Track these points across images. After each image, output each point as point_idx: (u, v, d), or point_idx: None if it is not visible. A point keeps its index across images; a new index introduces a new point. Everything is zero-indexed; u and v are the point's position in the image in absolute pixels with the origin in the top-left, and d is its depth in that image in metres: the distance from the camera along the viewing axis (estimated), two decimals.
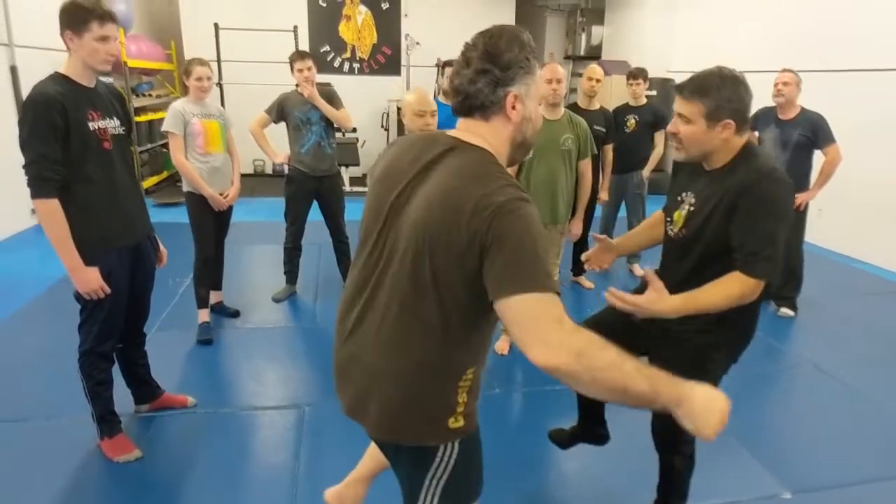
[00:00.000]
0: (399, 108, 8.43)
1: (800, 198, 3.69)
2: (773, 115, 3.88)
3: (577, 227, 3.61)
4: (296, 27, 7.75)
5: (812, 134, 3.73)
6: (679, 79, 6.86)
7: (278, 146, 4.05)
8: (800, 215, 3.87)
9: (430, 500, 1.31)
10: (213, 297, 3.61)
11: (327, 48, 8.56)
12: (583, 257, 2.16)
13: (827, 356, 3.47)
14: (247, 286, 4.29)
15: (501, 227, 1.07)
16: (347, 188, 6.55)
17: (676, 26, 7.96)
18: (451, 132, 1.25)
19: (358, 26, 8.60)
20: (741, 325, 1.80)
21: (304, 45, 8.19)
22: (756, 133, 4.09)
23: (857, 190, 5.16)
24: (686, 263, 1.76)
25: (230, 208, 3.48)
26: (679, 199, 1.80)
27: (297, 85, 3.84)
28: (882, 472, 2.44)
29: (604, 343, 1.04)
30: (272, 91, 4.25)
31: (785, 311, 4.04)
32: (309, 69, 3.72)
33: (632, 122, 4.62)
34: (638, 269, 4.80)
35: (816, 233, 3.58)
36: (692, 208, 1.73)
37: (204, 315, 3.46)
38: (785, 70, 3.79)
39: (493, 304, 1.08)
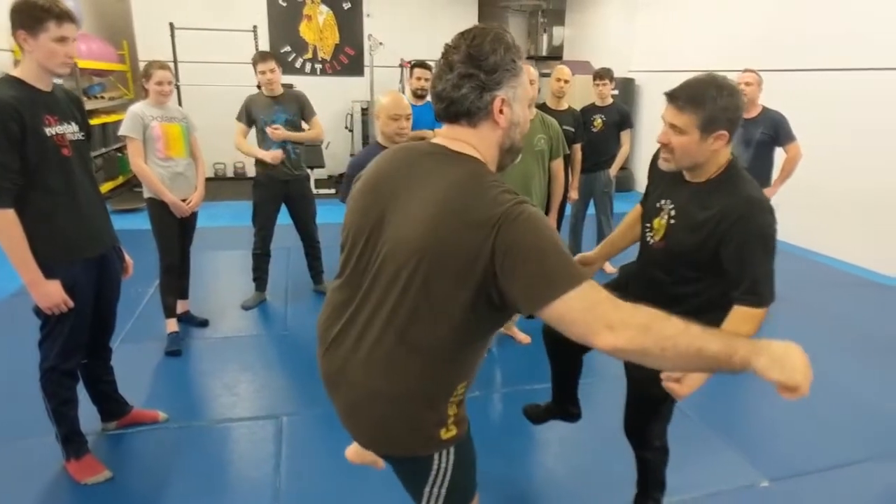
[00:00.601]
0: (363, 109, 8.47)
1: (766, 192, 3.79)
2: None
3: None
4: (255, 27, 7.58)
5: (773, 132, 3.84)
6: (640, 79, 7.06)
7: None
8: None
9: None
10: (180, 306, 3.49)
11: (288, 48, 8.41)
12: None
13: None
14: (215, 294, 4.17)
15: (510, 238, 1.02)
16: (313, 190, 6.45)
17: (637, 27, 8.11)
18: (437, 140, 1.20)
19: (319, 26, 8.47)
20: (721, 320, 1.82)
21: (265, 46, 8.03)
22: None
23: (815, 185, 5.34)
24: (663, 273, 1.74)
25: (194, 214, 3.37)
26: (658, 205, 1.75)
27: (258, 86, 3.77)
28: (853, 456, 2.53)
29: (662, 313, 1.00)
30: (232, 93, 4.16)
31: None
32: (272, 71, 3.65)
33: (598, 121, 4.67)
34: (608, 266, 4.86)
35: (781, 228, 3.68)
36: (672, 220, 1.70)
37: (172, 325, 3.34)
38: (747, 70, 3.89)
39: (537, 315, 1.03)
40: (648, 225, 1.80)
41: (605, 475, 2.36)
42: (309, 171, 4.12)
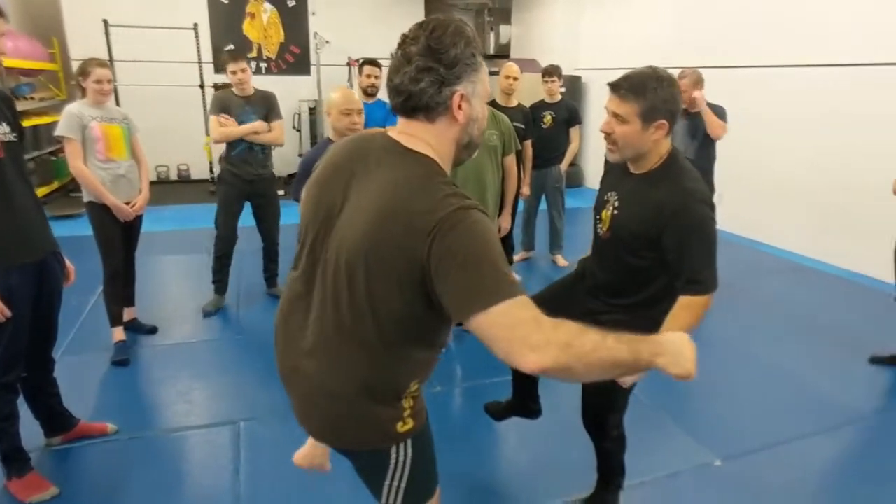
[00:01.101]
0: (311, 109, 8.34)
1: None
2: (682, 109, 4.13)
3: (506, 222, 3.68)
4: (196, 25, 7.36)
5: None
6: (586, 76, 7.20)
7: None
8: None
9: (393, 499, 1.28)
10: (127, 313, 3.35)
11: (232, 47, 8.17)
12: None
13: (739, 331, 3.75)
14: (163, 300, 4.02)
15: (446, 243, 0.99)
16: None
17: (582, 25, 8.30)
18: (391, 133, 1.17)
19: (263, 24, 8.29)
20: (659, 317, 1.80)
21: (206, 44, 7.80)
22: None
23: (755, 176, 5.61)
24: (612, 263, 1.79)
25: (139, 218, 3.24)
26: (605, 197, 1.81)
27: (226, 85, 3.70)
28: (796, 432, 2.67)
29: (580, 327, 1.00)
30: (175, 93, 4.02)
31: None
32: (243, 71, 3.60)
33: (548, 118, 4.75)
34: (561, 260, 4.96)
35: (719, 217, 3.85)
36: (616, 211, 1.75)
37: (118, 334, 3.20)
38: (685, 70, 4.04)
39: (464, 324, 1.00)
40: (598, 217, 1.85)
41: (566, 464, 2.41)
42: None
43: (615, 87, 1.63)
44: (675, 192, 1.61)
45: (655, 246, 1.64)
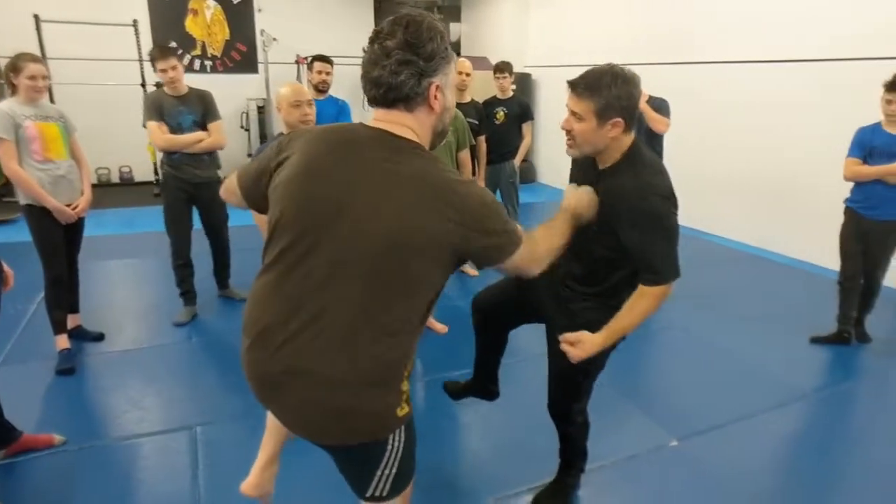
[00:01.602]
0: (259, 108, 8.16)
1: None
2: None
3: None
4: (135, 21, 7.09)
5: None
6: (536, 74, 7.29)
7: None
8: None
9: (381, 487, 1.29)
10: (71, 320, 3.20)
11: (174, 45, 7.90)
12: None
13: (691, 318, 3.88)
14: (108, 306, 3.85)
15: (470, 217, 1.17)
16: None
17: (530, 23, 8.41)
18: (377, 124, 1.20)
19: (207, 21, 8.05)
20: (622, 305, 1.83)
21: (147, 41, 7.52)
22: None
23: (703, 169, 5.81)
24: (580, 252, 1.80)
25: (81, 221, 3.11)
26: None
27: (157, 84, 3.51)
28: (746, 411, 2.78)
29: (544, 232, 1.55)
30: (114, 92, 3.84)
31: None
32: (174, 68, 3.31)
33: (501, 114, 4.80)
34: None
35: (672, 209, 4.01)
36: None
37: (62, 342, 3.04)
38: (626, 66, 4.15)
39: (490, 267, 1.28)
40: None
41: (529, 450, 2.45)
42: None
43: (573, 85, 1.66)
44: (633, 186, 1.64)
45: (617, 237, 1.68)
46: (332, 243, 1.14)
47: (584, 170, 1.83)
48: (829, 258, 3.38)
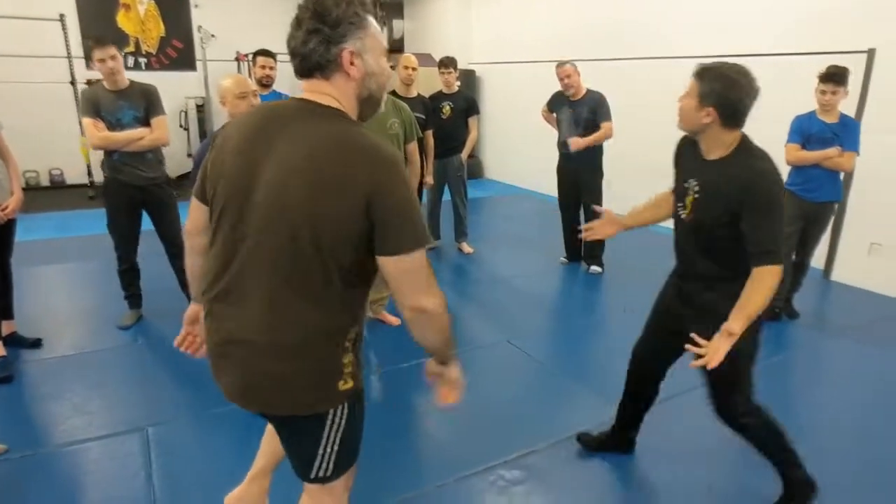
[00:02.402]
0: (199, 106, 7.93)
1: (574, 140, 4.25)
2: (566, 98, 4.40)
3: None
4: (62, 15, 6.76)
5: (594, 111, 4.28)
6: (479, 70, 7.38)
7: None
8: (595, 190, 4.45)
9: (325, 466, 1.32)
10: (5, 327, 3.06)
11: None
12: (584, 227, 2.31)
13: (633, 300, 4.03)
14: (45, 312, 3.68)
15: (382, 183, 1.12)
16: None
17: (473, 20, 8.51)
18: (303, 96, 1.22)
19: (140, 17, 7.76)
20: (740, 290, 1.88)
21: (75, 37, 7.19)
22: (554, 114, 4.59)
23: (638, 162, 6.04)
24: (695, 241, 1.93)
25: (12, 222, 2.97)
26: (685, 185, 1.91)
27: (88, 82, 3.33)
28: (687, 384, 2.92)
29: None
30: (41, 90, 3.64)
31: (594, 268, 4.61)
32: (113, 58, 3.09)
33: (447, 108, 4.86)
34: (466, 247, 5.09)
35: (608, 201, 4.19)
36: (697, 195, 1.86)
37: None
38: (561, 63, 4.31)
39: (380, 258, 1.16)
40: (681, 204, 1.95)
41: (486, 432, 2.51)
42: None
43: (695, 71, 1.83)
44: (745, 170, 1.74)
45: (733, 224, 1.76)
46: (253, 214, 1.17)
47: (686, 157, 1.96)
48: None
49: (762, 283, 1.72)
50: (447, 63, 4.88)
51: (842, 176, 3.65)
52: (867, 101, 4.25)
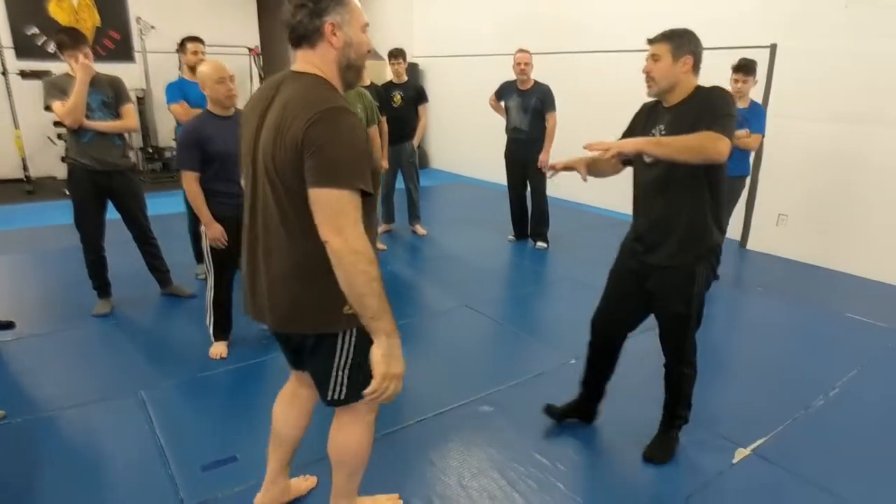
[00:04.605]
0: (139, 98, 7.80)
1: (541, 158, 4.62)
2: (515, 87, 4.76)
3: None
4: None
5: (541, 101, 4.66)
6: (423, 63, 7.69)
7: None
8: (540, 174, 4.83)
9: (338, 388, 1.53)
10: None
11: (36, 31, 7.36)
12: (550, 163, 2.38)
13: (573, 269, 4.47)
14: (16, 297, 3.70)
15: (318, 129, 1.27)
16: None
17: (415, 15, 8.77)
18: (293, 67, 1.45)
19: (74, 7, 7.56)
20: (707, 244, 2.09)
21: (4, 27, 6.97)
22: (502, 102, 4.94)
23: (580, 148, 6.48)
24: (657, 184, 2.04)
25: None
26: (652, 133, 2.05)
27: (21, 73, 3.27)
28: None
29: (373, 259, 1.31)
30: None
31: (540, 244, 5.01)
32: (86, 56, 3.16)
33: (398, 97, 5.11)
34: (420, 229, 5.38)
35: (553, 186, 4.58)
36: (663, 134, 2.00)
37: None
38: (522, 51, 4.65)
39: (310, 193, 1.29)
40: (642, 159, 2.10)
41: (455, 379, 2.82)
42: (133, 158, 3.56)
43: (650, 40, 2.00)
44: (708, 92, 1.96)
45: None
46: (256, 170, 1.44)
47: (645, 117, 2.12)
48: None
49: (705, 136, 1.82)
50: (396, 54, 5.14)
51: (752, 156, 4.17)
52: (772, 90, 4.83)
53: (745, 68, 3.87)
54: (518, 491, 2.09)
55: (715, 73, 4.49)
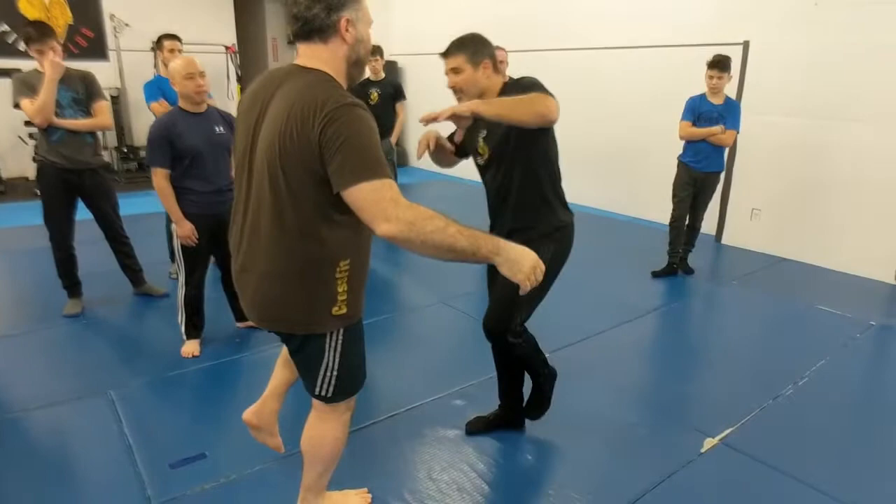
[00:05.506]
0: (113, 97, 7.69)
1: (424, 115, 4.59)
2: None
3: None
4: None
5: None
6: (401, 61, 7.70)
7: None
8: None
9: (326, 386, 1.52)
10: None
11: (6, 28, 7.23)
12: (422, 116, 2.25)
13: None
14: None
15: (335, 129, 1.23)
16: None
17: (394, 13, 8.75)
18: (296, 61, 1.41)
19: (45, 4, 7.43)
20: (563, 240, 2.21)
21: None
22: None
23: (564, 146, 6.52)
24: (499, 173, 2.06)
25: None
26: (473, 137, 2.11)
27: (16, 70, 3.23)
28: (603, 326, 3.39)
29: (433, 214, 1.25)
30: None
31: None
32: (54, 49, 3.07)
33: (375, 94, 5.10)
34: None
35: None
36: (485, 132, 2.07)
37: None
38: (498, 48, 4.64)
39: (340, 194, 1.26)
40: (478, 155, 2.14)
41: (429, 375, 2.83)
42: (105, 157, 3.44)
43: (443, 53, 2.00)
44: (513, 84, 2.01)
45: (525, 136, 1.96)
46: (252, 164, 1.41)
47: (469, 130, 2.09)
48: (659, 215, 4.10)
49: (531, 94, 1.87)
50: (373, 51, 5.12)
51: (726, 151, 4.22)
52: (745, 86, 4.90)
53: (720, 64, 3.92)
54: (487, 483, 2.10)
55: (690, 69, 4.60)
